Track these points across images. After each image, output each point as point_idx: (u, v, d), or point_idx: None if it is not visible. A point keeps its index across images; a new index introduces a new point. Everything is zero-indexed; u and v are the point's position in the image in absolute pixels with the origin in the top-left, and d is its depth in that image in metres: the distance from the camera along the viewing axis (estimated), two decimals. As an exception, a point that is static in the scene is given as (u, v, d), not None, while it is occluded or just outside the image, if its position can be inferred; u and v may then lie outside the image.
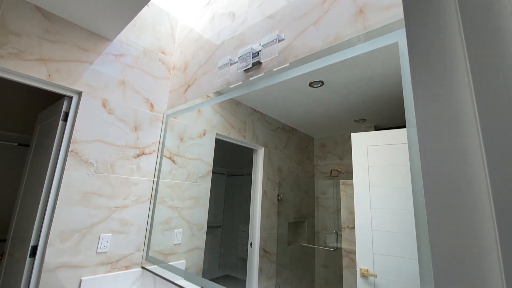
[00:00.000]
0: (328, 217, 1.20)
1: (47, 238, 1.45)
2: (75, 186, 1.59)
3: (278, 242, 1.36)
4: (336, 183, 1.20)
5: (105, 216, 1.70)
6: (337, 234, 1.13)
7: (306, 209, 1.30)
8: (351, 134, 1.10)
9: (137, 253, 1.83)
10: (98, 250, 1.63)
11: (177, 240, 1.74)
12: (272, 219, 1.39)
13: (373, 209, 0.94)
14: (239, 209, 1.56)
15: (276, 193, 1.42)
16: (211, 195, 1.66)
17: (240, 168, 1.64)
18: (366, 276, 0.92)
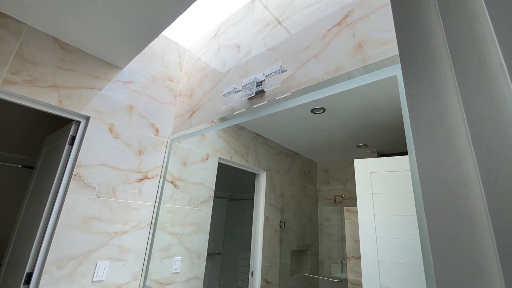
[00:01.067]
0: (333, 246, 1.17)
1: (43, 264, 1.41)
2: (76, 210, 1.57)
3: (280, 272, 1.31)
4: (340, 210, 1.18)
5: (104, 242, 1.66)
6: (342, 264, 1.10)
7: (310, 236, 1.27)
8: (354, 160, 1.10)
9: (134, 282, 1.76)
10: (94, 279, 1.57)
11: (176, 269, 1.69)
12: (274, 247, 1.35)
13: (378, 238, 0.92)
14: (240, 235, 1.53)
15: (278, 219, 1.40)
16: (212, 220, 1.63)
17: (242, 192, 1.63)
18: None
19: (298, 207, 1.34)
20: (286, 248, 1.34)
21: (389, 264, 0.87)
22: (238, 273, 1.44)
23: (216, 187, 1.67)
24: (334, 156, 1.25)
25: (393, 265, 0.86)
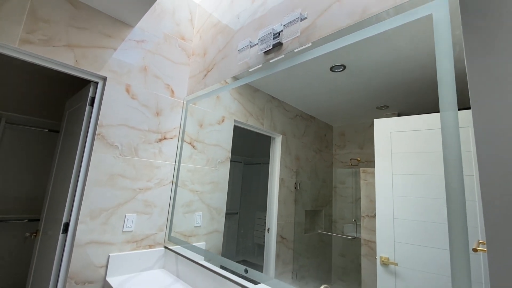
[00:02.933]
0: (346, 207, 1.17)
1: (77, 215, 1.56)
2: (102, 168, 1.68)
3: (295, 229, 1.36)
4: (355, 172, 1.16)
5: (130, 197, 1.79)
6: (355, 224, 1.10)
7: (324, 198, 1.28)
8: (374, 120, 1.05)
9: (160, 233, 1.93)
10: (124, 229, 1.73)
11: (198, 223, 1.80)
12: (289, 207, 1.38)
13: (395, 197, 0.92)
14: (255, 197, 1.58)
15: (293, 181, 1.40)
16: (228, 182, 1.68)
17: (257, 156, 1.64)
18: (387, 264, 0.91)
19: (313, 170, 1.32)
20: (300, 208, 1.37)
21: (405, 221, 0.88)
22: (255, 230, 1.51)
23: (232, 152, 1.68)
24: (351, 119, 1.19)
25: (409, 222, 0.87)
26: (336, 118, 1.25)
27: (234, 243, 1.62)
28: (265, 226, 1.43)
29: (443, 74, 0.83)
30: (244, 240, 1.58)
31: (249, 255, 1.49)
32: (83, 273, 1.53)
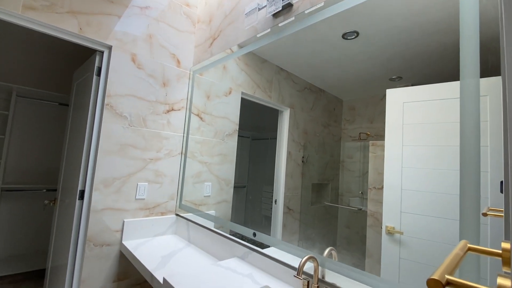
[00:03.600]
0: (353, 181, 1.17)
1: (92, 183, 1.63)
2: (112, 138, 1.71)
3: (301, 201, 1.38)
4: (364, 146, 1.13)
5: (141, 166, 1.84)
6: (362, 197, 1.11)
7: (331, 172, 1.27)
8: (387, 91, 1.02)
9: (171, 201, 2.01)
10: (137, 197, 1.81)
11: (207, 193, 1.86)
12: (296, 180, 1.39)
13: (404, 169, 0.92)
14: (263, 171, 1.59)
15: (301, 155, 1.39)
16: (236, 157, 1.69)
17: (264, 131, 1.62)
18: (392, 234, 0.93)
19: (321, 144, 1.30)
20: (307, 181, 1.37)
21: (413, 192, 0.89)
22: (262, 203, 1.54)
23: (239, 127, 1.67)
24: (362, 92, 1.13)
25: (417, 193, 0.88)
26: (346, 91, 1.20)
27: (242, 214, 1.67)
28: (272, 198, 1.46)
29: (467, 38, 0.78)
30: (252, 212, 1.63)
31: (257, 226, 1.54)
32: (100, 237, 1.64)
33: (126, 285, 1.74)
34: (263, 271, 1.27)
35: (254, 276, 1.20)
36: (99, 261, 1.63)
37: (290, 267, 1.17)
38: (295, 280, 1.12)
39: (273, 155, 1.47)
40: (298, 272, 0.91)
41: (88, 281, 1.58)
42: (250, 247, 1.38)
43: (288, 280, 1.15)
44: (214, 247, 1.60)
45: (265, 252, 1.32)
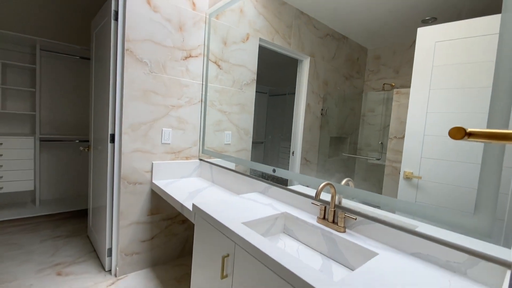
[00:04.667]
0: (373, 135, 1.14)
1: (121, 128, 1.76)
2: (135, 84, 1.76)
3: (319, 153, 1.38)
4: (387, 98, 1.06)
5: (164, 113, 1.92)
6: (381, 146, 1.09)
7: (350, 125, 1.24)
8: (418, 30, 0.93)
9: (194, 147, 2.13)
10: (163, 141, 1.94)
11: (227, 141, 1.93)
12: (314, 133, 1.37)
13: (429, 114, 0.89)
14: (280, 127, 1.57)
15: (320, 107, 1.34)
16: (254, 113, 1.68)
17: (282, 86, 1.55)
18: (410, 178, 0.94)
19: (341, 96, 1.23)
20: (326, 134, 1.35)
21: (435, 137, 0.88)
22: (279, 158, 1.58)
23: (257, 81, 1.60)
24: (390, 39, 0.99)
25: (440, 138, 0.87)
26: (372, 37, 1.06)
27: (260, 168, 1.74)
28: (290, 152, 1.48)
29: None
30: (270, 162, 1.69)
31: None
32: (133, 176, 1.85)
33: (159, 219, 2.02)
34: (282, 202, 1.37)
35: (274, 205, 1.31)
36: (133, 196, 1.87)
37: (308, 196, 1.24)
38: (312, 207, 1.20)
39: (291, 111, 1.44)
40: (316, 196, 0.95)
41: (125, 213, 1.85)
42: (270, 183, 1.47)
43: (306, 208, 1.24)
44: (236, 185, 1.73)
45: (284, 186, 1.40)
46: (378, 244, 0.94)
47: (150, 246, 1.98)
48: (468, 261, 0.76)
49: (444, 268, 0.80)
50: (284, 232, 1.21)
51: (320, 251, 1.06)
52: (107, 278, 1.83)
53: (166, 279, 1.86)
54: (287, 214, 1.21)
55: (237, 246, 0.94)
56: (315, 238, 1.08)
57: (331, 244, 1.01)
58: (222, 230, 1.02)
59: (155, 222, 1.99)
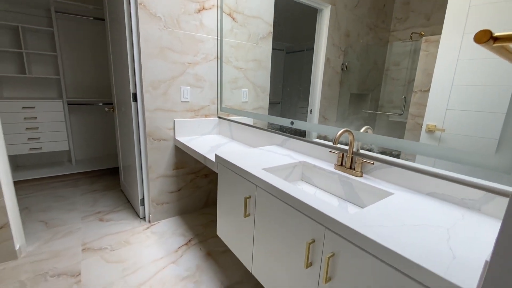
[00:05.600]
0: (396, 91, 1.10)
1: (141, 86, 1.80)
2: (151, 41, 1.75)
3: (338, 110, 1.37)
4: (414, 49, 1.01)
5: (181, 71, 1.93)
6: (405, 101, 1.07)
7: (372, 81, 1.20)
8: None
9: (212, 105, 2.16)
10: (182, 99, 1.98)
11: (244, 99, 1.93)
12: (334, 89, 1.35)
13: (460, 61, 0.85)
14: (298, 87, 1.53)
15: (340, 61, 1.29)
16: (270, 72, 1.63)
17: (300, 42, 1.46)
18: (432, 131, 0.93)
19: (364, 49, 1.16)
20: (345, 90, 1.32)
21: (464, 87, 0.85)
22: (296, 118, 1.57)
23: (273, 37, 1.52)
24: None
25: (468, 88, 0.84)
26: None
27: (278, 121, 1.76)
28: (307, 111, 1.47)
29: None
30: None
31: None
32: (157, 133, 1.95)
33: (183, 173, 2.16)
34: (300, 153, 1.42)
35: (292, 155, 1.37)
36: (159, 152, 1.99)
37: (325, 146, 1.28)
38: (330, 156, 1.24)
39: (309, 68, 1.39)
40: (334, 141, 0.98)
41: (153, 167, 1.99)
42: (288, 135, 1.51)
43: (323, 157, 1.28)
44: (255, 140, 1.79)
45: (302, 138, 1.43)
46: (394, 186, 0.98)
47: (177, 197, 2.17)
48: (483, 198, 0.78)
49: (458, 205, 0.83)
50: (302, 180, 1.28)
51: (337, 194, 1.12)
52: (142, 223, 2.07)
53: (193, 224, 2.08)
54: (305, 163, 1.26)
55: (258, 188, 1.02)
56: (332, 183, 1.13)
57: (348, 187, 1.07)
58: (244, 175, 1.10)
59: (180, 175, 2.14)
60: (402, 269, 0.56)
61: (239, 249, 1.22)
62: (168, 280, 1.48)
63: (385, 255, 0.59)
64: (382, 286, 0.61)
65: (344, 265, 0.70)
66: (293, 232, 0.87)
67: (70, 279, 1.46)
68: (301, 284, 0.86)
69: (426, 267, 0.52)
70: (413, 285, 0.55)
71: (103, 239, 1.84)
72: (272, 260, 0.99)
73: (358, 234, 0.64)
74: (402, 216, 0.74)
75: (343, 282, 0.71)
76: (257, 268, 1.09)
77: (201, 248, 1.79)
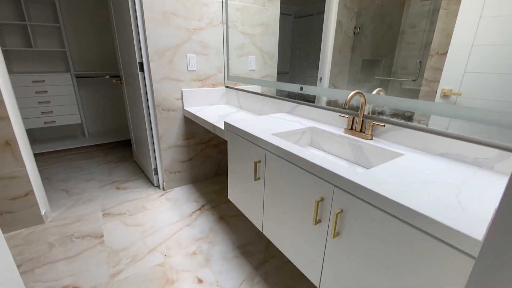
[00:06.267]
0: (411, 56, 1.05)
1: (147, 55, 1.77)
2: (154, 6, 1.69)
3: (349, 78, 1.33)
4: (433, 10, 0.94)
5: (186, 37, 1.87)
6: (420, 65, 1.02)
7: (386, 46, 1.14)
8: None
9: (219, 74, 2.12)
10: (188, 68, 1.95)
11: (252, 66, 1.89)
12: (345, 55, 1.29)
13: (483, 18, 0.79)
14: (307, 54, 1.46)
15: (352, 24, 1.22)
16: (278, 40, 1.55)
17: (309, 4, 1.37)
18: (448, 96, 0.90)
19: (379, 10, 1.09)
20: (357, 56, 1.26)
21: (485, 47, 0.80)
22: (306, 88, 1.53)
23: (281, 1, 1.41)
24: None
25: (490, 48, 0.79)
26: None
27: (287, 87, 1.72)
28: (317, 80, 1.42)
29: None
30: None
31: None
32: (165, 103, 1.95)
33: (193, 143, 2.20)
34: (309, 119, 1.43)
35: (301, 121, 1.37)
36: (169, 122, 2.01)
37: (335, 110, 1.28)
38: (339, 120, 1.25)
39: (319, 34, 1.32)
40: (344, 104, 0.97)
41: (164, 137, 2.03)
42: (297, 101, 1.50)
43: (333, 122, 1.29)
44: (263, 108, 1.78)
45: (312, 103, 1.42)
46: (405, 148, 0.98)
47: (189, 166, 2.23)
48: (497, 156, 0.78)
49: (471, 164, 0.83)
50: (311, 145, 1.29)
51: (346, 158, 1.13)
52: (156, 191, 2.16)
53: (205, 192, 2.16)
54: (314, 128, 1.26)
55: (268, 153, 1.04)
56: (342, 147, 1.14)
57: (357, 150, 1.07)
58: (253, 140, 1.12)
59: (190, 145, 2.18)
60: (411, 222, 0.58)
61: (250, 211, 1.27)
62: (183, 240, 1.58)
63: (395, 209, 0.60)
64: (390, 239, 0.63)
65: (352, 220, 0.73)
66: (302, 192, 0.89)
67: (94, 240, 1.57)
68: (310, 240, 0.90)
69: (435, 218, 0.53)
70: (422, 237, 0.57)
71: (121, 205, 1.95)
72: (282, 219, 1.03)
73: (367, 191, 0.66)
74: (412, 174, 0.74)
75: (351, 236, 0.74)
76: (268, 228, 1.15)
77: (213, 212, 1.88)
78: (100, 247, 1.51)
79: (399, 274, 0.63)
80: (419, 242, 0.58)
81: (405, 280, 0.62)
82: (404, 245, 0.61)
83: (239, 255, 1.48)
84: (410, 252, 0.60)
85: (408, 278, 0.61)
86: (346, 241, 0.76)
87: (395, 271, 0.64)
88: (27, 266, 1.37)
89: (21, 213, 1.64)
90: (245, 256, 1.47)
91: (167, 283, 1.28)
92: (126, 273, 1.34)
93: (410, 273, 0.61)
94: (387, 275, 0.66)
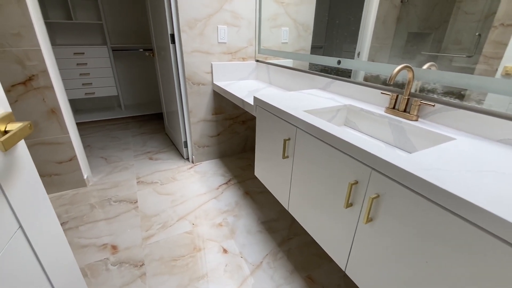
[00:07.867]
0: (468, 28, 0.90)
1: (178, 26, 1.75)
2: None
3: (390, 53, 1.19)
4: None
5: (217, 7, 1.80)
6: (479, 39, 0.88)
7: (439, 16, 0.98)
8: None
9: (250, 47, 2.04)
10: (219, 40, 1.90)
11: (284, 39, 1.78)
12: (389, 27, 1.15)
13: None
14: (344, 27, 1.32)
15: (401, -11, 1.06)
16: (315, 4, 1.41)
17: None
18: (510, 75, 0.79)
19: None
20: (403, 28, 1.11)
21: None
22: (341, 64, 1.40)
23: None
24: None
25: None
26: None
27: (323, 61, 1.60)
28: (354, 55, 1.29)
29: None
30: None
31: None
32: (195, 77, 1.94)
33: (222, 118, 2.20)
34: (345, 96, 1.33)
35: (336, 98, 1.28)
36: (198, 96, 2.02)
37: (376, 87, 1.17)
38: (381, 98, 1.14)
39: (361, 4, 1.17)
40: (389, 79, 0.88)
41: (194, 111, 2.05)
42: (332, 77, 1.40)
43: (372, 100, 1.18)
44: (295, 84, 1.71)
45: (349, 79, 1.31)
46: (457, 132, 0.87)
47: (217, 141, 2.26)
48: None
49: None
50: (346, 125, 1.21)
51: (384, 140, 1.05)
52: (186, 163, 2.23)
53: (232, 167, 2.19)
54: (350, 106, 1.17)
55: (299, 130, 0.99)
56: (380, 128, 1.05)
57: (398, 132, 0.98)
58: (283, 116, 1.07)
59: (219, 121, 2.19)
60: (462, 214, 0.51)
61: (275, 188, 1.25)
62: (210, 212, 1.63)
63: (446, 200, 0.53)
64: (435, 232, 0.57)
65: (389, 207, 0.67)
66: (333, 173, 0.85)
67: (129, 205, 1.68)
68: (339, 223, 0.87)
69: (493, 211, 0.46)
70: (473, 231, 0.50)
71: (154, 174, 2.05)
72: (309, 199, 1.00)
73: (412, 176, 0.59)
74: (466, 162, 0.65)
75: (386, 224, 0.69)
76: (293, 207, 1.13)
77: (239, 187, 1.90)
78: (135, 212, 1.62)
79: (440, 269, 0.58)
80: (478, 241, 0.50)
81: (449, 276, 0.57)
82: (453, 240, 0.54)
83: (263, 230, 1.50)
84: (461, 249, 0.53)
85: (454, 275, 0.56)
86: (380, 228, 0.72)
87: (435, 266, 0.59)
88: (72, 223, 1.52)
89: (67, 176, 1.80)
90: (269, 231, 1.49)
91: (194, 250, 1.35)
92: (157, 237, 1.43)
93: (458, 269, 0.55)
94: (424, 268, 0.62)
